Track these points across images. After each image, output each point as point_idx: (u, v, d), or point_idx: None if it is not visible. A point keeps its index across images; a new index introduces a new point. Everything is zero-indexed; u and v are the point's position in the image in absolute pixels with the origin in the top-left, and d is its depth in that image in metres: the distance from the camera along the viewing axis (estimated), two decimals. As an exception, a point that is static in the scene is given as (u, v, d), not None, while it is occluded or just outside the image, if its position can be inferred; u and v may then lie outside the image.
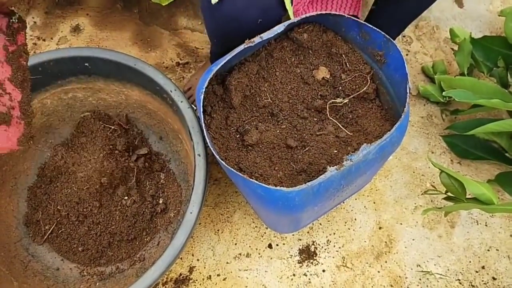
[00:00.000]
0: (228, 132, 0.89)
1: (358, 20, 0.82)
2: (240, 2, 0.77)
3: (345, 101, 0.90)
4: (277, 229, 1.03)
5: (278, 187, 0.68)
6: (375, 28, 0.81)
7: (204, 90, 0.77)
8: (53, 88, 1.00)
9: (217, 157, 0.74)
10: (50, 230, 1.01)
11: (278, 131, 0.89)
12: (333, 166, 0.69)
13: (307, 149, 0.87)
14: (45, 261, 1.01)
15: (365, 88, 0.89)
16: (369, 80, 0.90)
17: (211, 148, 0.75)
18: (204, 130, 0.77)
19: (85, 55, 0.92)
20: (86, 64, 0.94)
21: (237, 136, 0.89)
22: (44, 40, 1.34)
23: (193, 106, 0.91)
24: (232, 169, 0.71)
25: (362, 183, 0.95)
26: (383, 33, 0.80)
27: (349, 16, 0.82)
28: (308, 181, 0.69)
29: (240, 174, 0.70)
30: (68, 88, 1.02)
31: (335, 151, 0.86)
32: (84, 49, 0.93)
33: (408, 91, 0.73)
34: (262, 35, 0.81)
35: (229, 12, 0.80)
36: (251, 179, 0.69)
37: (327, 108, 0.90)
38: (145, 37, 1.36)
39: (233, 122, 0.90)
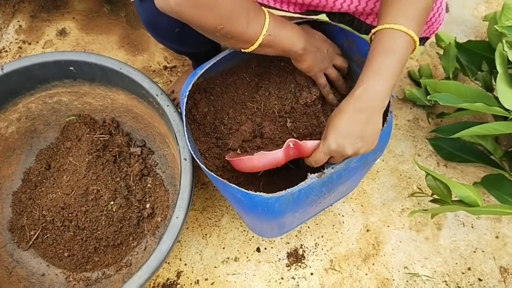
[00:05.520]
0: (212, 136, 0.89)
1: (345, 27, 0.82)
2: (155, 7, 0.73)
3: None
4: (262, 234, 1.03)
5: (257, 193, 0.67)
6: (361, 37, 0.81)
7: (187, 93, 0.76)
8: (38, 92, 0.99)
9: (198, 161, 0.74)
10: (36, 235, 1.00)
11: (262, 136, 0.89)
12: (314, 174, 0.68)
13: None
14: (30, 267, 0.99)
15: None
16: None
17: (192, 152, 0.74)
18: (186, 133, 0.76)
19: (69, 59, 0.91)
20: (71, 68, 0.93)
21: (220, 141, 0.89)
22: (29, 43, 1.33)
23: (178, 110, 0.90)
24: (213, 174, 0.70)
25: (346, 190, 0.95)
26: (368, 42, 0.80)
27: (336, 24, 0.82)
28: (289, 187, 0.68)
29: (220, 178, 0.69)
30: (53, 92, 1.01)
31: None
32: (68, 53, 0.92)
33: (391, 102, 0.73)
34: None
35: (144, 16, 0.80)
36: (230, 184, 0.68)
37: (313, 113, 0.90)
38: (132, 41, 1.36)
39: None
